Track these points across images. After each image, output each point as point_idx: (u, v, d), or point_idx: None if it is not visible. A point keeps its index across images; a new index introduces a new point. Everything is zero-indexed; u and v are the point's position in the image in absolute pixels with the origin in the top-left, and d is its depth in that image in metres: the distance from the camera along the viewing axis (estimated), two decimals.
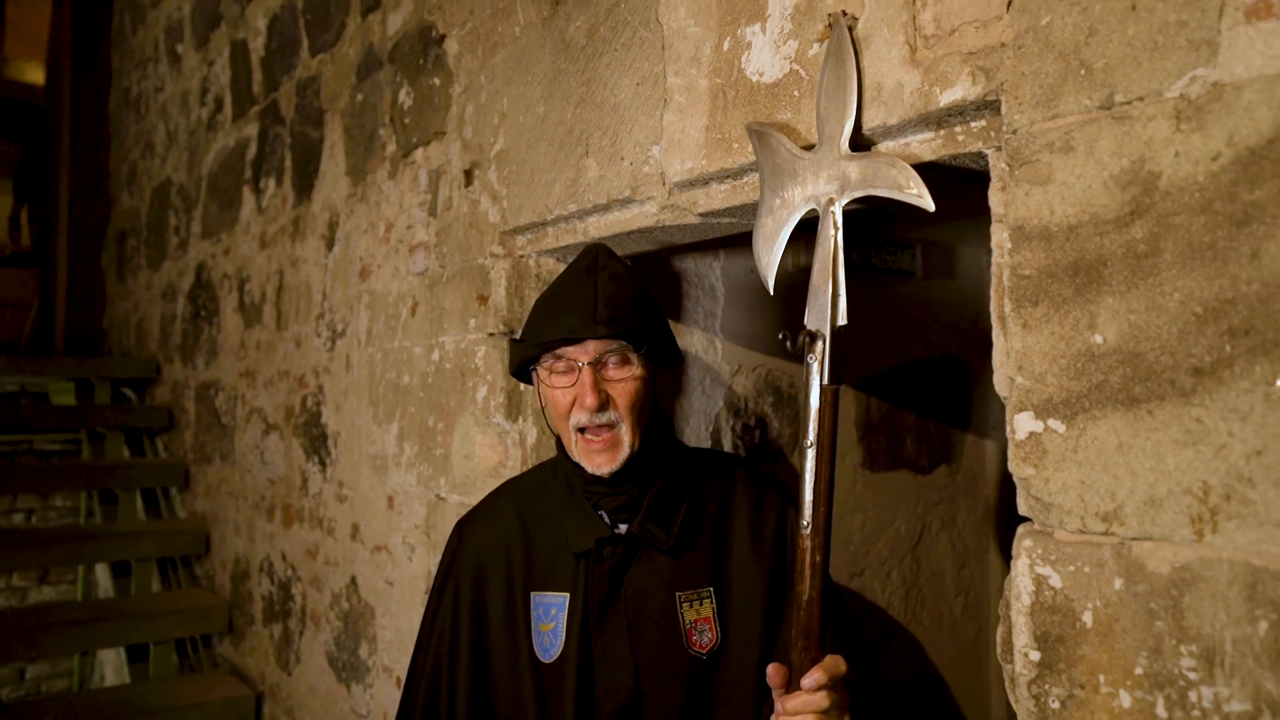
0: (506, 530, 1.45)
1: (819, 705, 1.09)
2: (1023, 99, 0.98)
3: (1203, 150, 0.83)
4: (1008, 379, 0.99)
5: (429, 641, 1.46)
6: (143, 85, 4.77)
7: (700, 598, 1.36)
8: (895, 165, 1.10)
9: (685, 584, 1.36)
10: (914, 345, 2.59)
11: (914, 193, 1.07)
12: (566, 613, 1.35)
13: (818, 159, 1.17)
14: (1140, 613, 0.86)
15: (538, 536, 1.43)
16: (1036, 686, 0.94)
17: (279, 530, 2.95)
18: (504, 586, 1.41)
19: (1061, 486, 0.93)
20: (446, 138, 2.09)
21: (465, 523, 1.52)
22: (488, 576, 1.42)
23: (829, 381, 1.12)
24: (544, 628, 1.36)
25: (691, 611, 1.36)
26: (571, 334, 1.31)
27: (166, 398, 4.16)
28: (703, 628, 1.35)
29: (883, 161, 1.11)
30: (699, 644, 1.35)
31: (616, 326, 1.31)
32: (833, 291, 1.13)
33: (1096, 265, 0.91)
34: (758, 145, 1.26)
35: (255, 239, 3.22)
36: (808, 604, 1.11)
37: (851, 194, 1.14)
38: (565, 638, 1.34)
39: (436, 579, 1.50)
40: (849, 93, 1.14)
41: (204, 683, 3.08)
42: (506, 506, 1.49)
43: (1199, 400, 0.83)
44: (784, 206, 1.21)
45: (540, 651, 1.36)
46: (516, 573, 1.41)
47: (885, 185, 1.10)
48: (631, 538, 1.36)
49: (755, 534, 1.40)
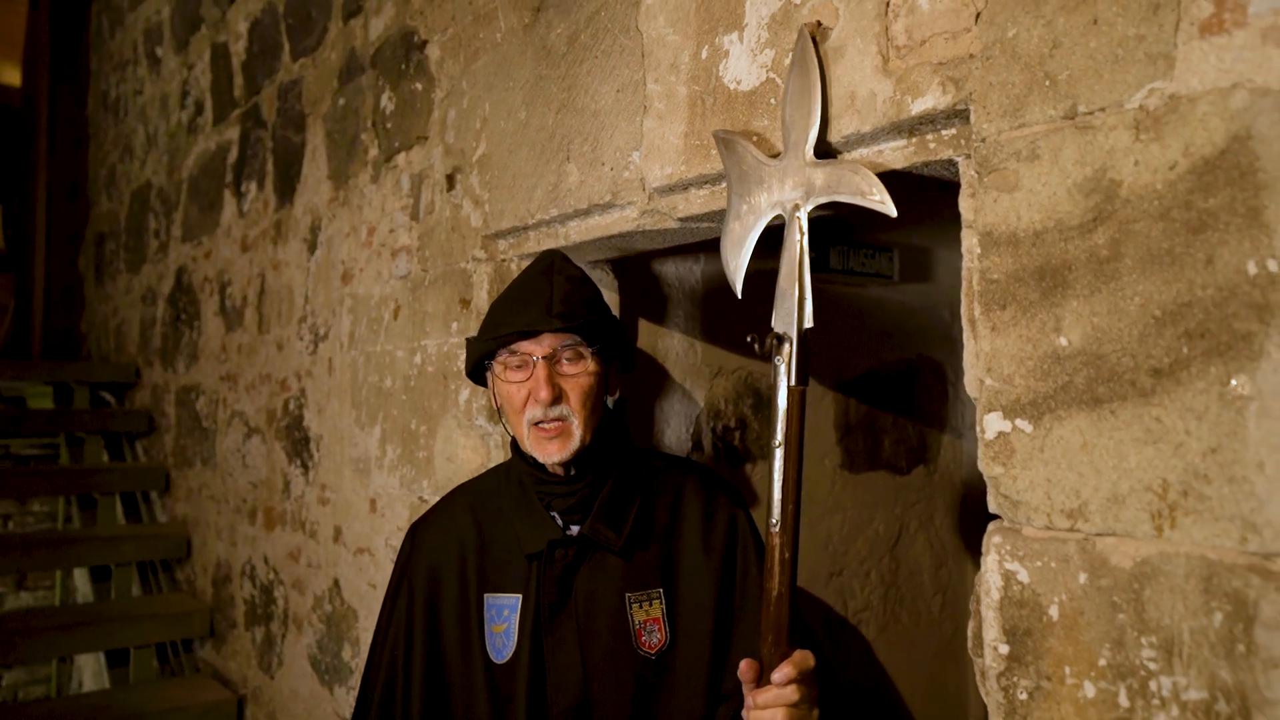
0: (461, 532, 1.46)
1: (789, 699, 1.12)
2: (991, 108, 1.01)
3: (1161, 159, 0.86)
4: (977, 380, 1.02)
5: (383, 643, 1.47)
6: (121, 88, 4.74)
7: (650, 598, 1.39)
8: (858, 172, 1.13)
9: (635, 585, 1.39)
10: (891, 348, 2.63)
11: (877, 199, 1.11)
12: (519, 614, 1.38)
13: (783, 166, 1.21)
14: (1104, 606, 0.89)
15: (491, 538, 1.45)
16: (1005, 679, 0.97)
17: (261, 533, 2.95)
18: (457, 588, 1.43)
19: (1029, 484, 0.96)
20: (429, 142, 2.11)
21: (420, 525, 1.54)
22: (442, 578, 1.44)
23: (796, 383, 1.15)
24: (496, 629, 1.39)
25: (641, 612, 1.38)
26: (528, 327, 1.34)
27: (146, 402, 4.14)
28: (652, 628, 1.38)
29: (846, 168, 1.14)
30: (648, 644, 1.37)
31: (571, 320, 1.35)
32: (799, 295, 1.16)
33: (1061, 270, 0.94)
34: (725, 152, 1.29)
35: (236, 242, 3.22)
36: (777, 600, 1.14)
37: (816, 200, 1.17)
38: (517, 639, 1.37)
39: (391, 581, 1.51)
40: (813, 101, 1.17)
41: (185, 687, 3.07)
42: (461, 508, 1.51)
43: (1158, 400, 0.86)
44: (751, 212, 1.25)
45: (493, 652, 1.39)
46: (470, 574, 1.43)
47: (849, 191, 1.13)
48: (583, 539, 1.39)
49: (706, 535, 1.43)
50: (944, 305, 2.77)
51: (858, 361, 2.53)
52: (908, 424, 2.65)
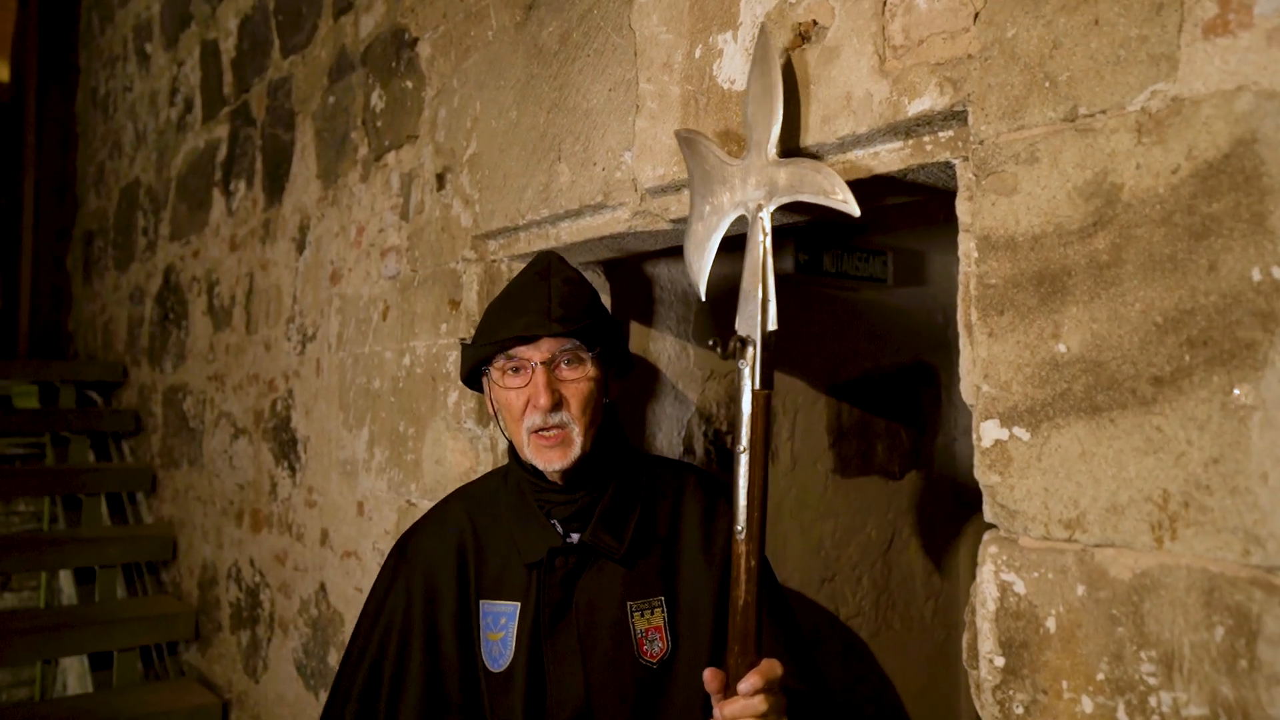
0: (458, 537, 1.44)
1: (756, 710, 1.09)
2: (989, 110, 0.99)
3: (1163, 163, 0.85)
4: (974, 387, 1.00)
5: (365, 646, 1.42)
6: (111, 85, 4.70)
7: (651, 607, 1.37)
8: (821, 171, 1.11)
9: (637, 593, 1.37)
10: (885, 352, 2.61)
11: (840, 198, 1.09)
12: (516, 622, 1.35)
13: (746, 165, 1.19)
14: (1102, 619, 0.87)
15: (488, 545, 1.42)
16: (1001, 692, 0.95)
17: (247, 536, 2.91)
18: (454, 594, 1.40)
19: (1026, 494, 0.94)
20: (419, 141, 2.08)
21: (415, 530, 1.50)
22: (439, 583, 1.41)
23: (760, 386, 1.13)
24: (493, 636, 1.36)
25: (643, 621, 1.36)
26: (527, 331, 1.32)
27: (133, 401, 4.10)
28: (654, 637, 1.36)
29: (809, 167, 1.12)
30: (650, 653, 1.35)
31: (571, 324, 1.32)
32: (762, 297, 1.14)
33: (1060, 275, 0.92)
34: (687, 152, 1.27)
35: (225, 241, 3.18)
36: (744, 609, 1.12)
37: (779, 200, 1.15)
38: (515, 647, 1.34)
39: (380, 583, 1.47)
40: (775, 99, 1.16)
41: (170, 691, 3.03)
42: (457, 513, 1.47)
43: (1159, 409, 0.84)
44: (714, 213, 1.23)
45: (489, 660, 1.36)
46: (466, 581, 1.40)
47: (812, 191, 1.11)
48: (583, 547, 1.36)
49: (706, 542, 1.41)
50: (938, 309, 2.75)
51: (851, 366, 2.51)
52: (901, 429, 2.64)
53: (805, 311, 2.42)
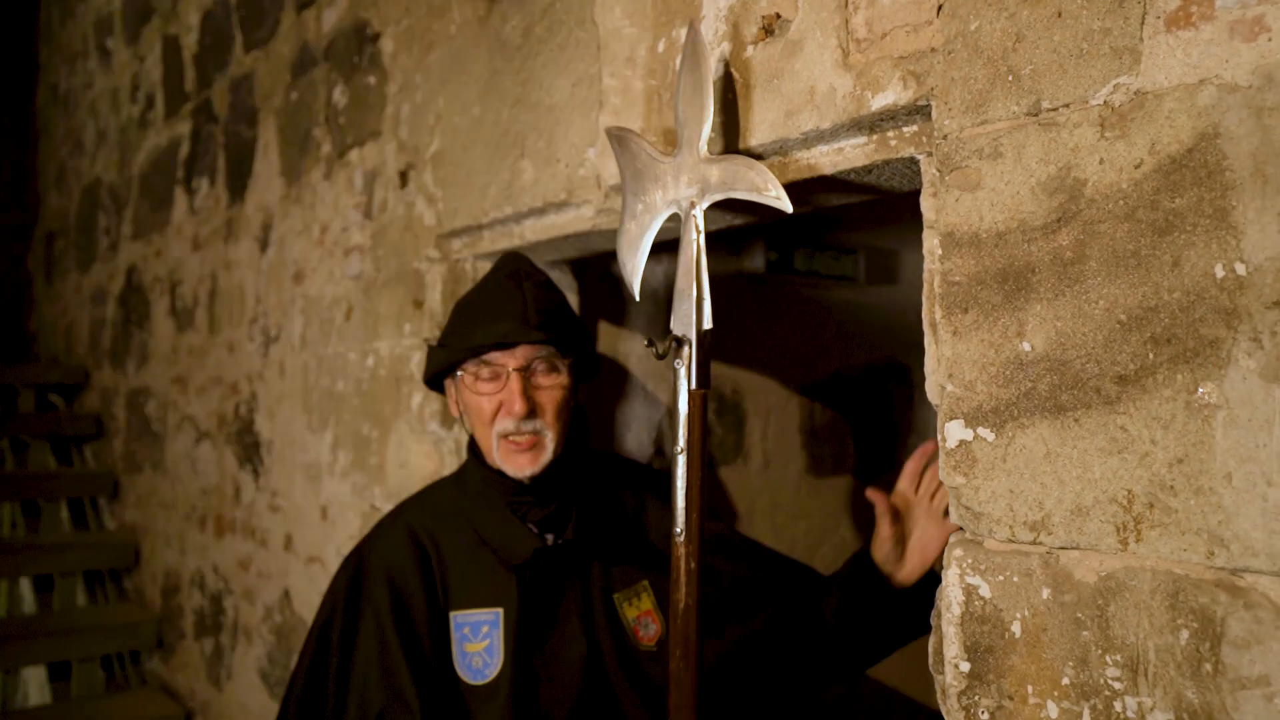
0: (416, 547, 1.37)
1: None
2: (953, 104, 0.97)
3: (1126, 158, 0.83)
4: (939, 386, 0.99)
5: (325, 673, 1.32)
6: (71, 81, 4.60)
7: (637, 593, 1.37)
8: (753, 168, 1.09)
9: (620, 585, 1.37)
10: (857, 351, 2.60)
11: (772, 195, 1.08)
12: (502, 628, 1.31)
13: (678, 163, 1.17)
14: (1067, 622, 0.85)
15: (450, 554, 1.37)
16: (966, 698, 0.93)
17: (211, 541, 2.85)
18: (425, 603, 1.34)
19: (991, 495, 0.92)
20: (382, 138, 2.04)
21: (370, 541, 1.43)
22: (407, 593, 1.34)
23: (697, 386, 1.11)
24: (473, 647, 1.31)
25: (632, 609, 1.36)
26: (506, 339, 1.29)
27: (96, 405, 4.01)
28: (646, 621, 1.36)
29: (741, 164, 1.11)
30: (646, 638, 1.35)
31: (549, 332, 1.30)
32: (697, 295, 1.13)
33: (1025, 272, 0.90)
34: (618, 150, 1.25)
35: (188, 241, 3.12)
36: (684, 612, 1.09)
37: (712, 197, 1.13)
38: (503, 655, 1.30)
39: (332, 606, 1.36)
40: (705, 95, 1.14)
41: (131, 701, 2.96)
42: (410, 524, 1.41)
43: (1124, 408, 0.82)
44: (646, 211, 1.21)
45: (468, 673, 1.30)
46: (434, 590, 1.35)
47: (744, 187, 1.10)
48: (564, 546, 1.34)
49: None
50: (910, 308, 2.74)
51: (823, 365, 2.50)
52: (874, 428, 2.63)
53: (776, 311, 2.40)
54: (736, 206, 1.17)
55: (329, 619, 1.37)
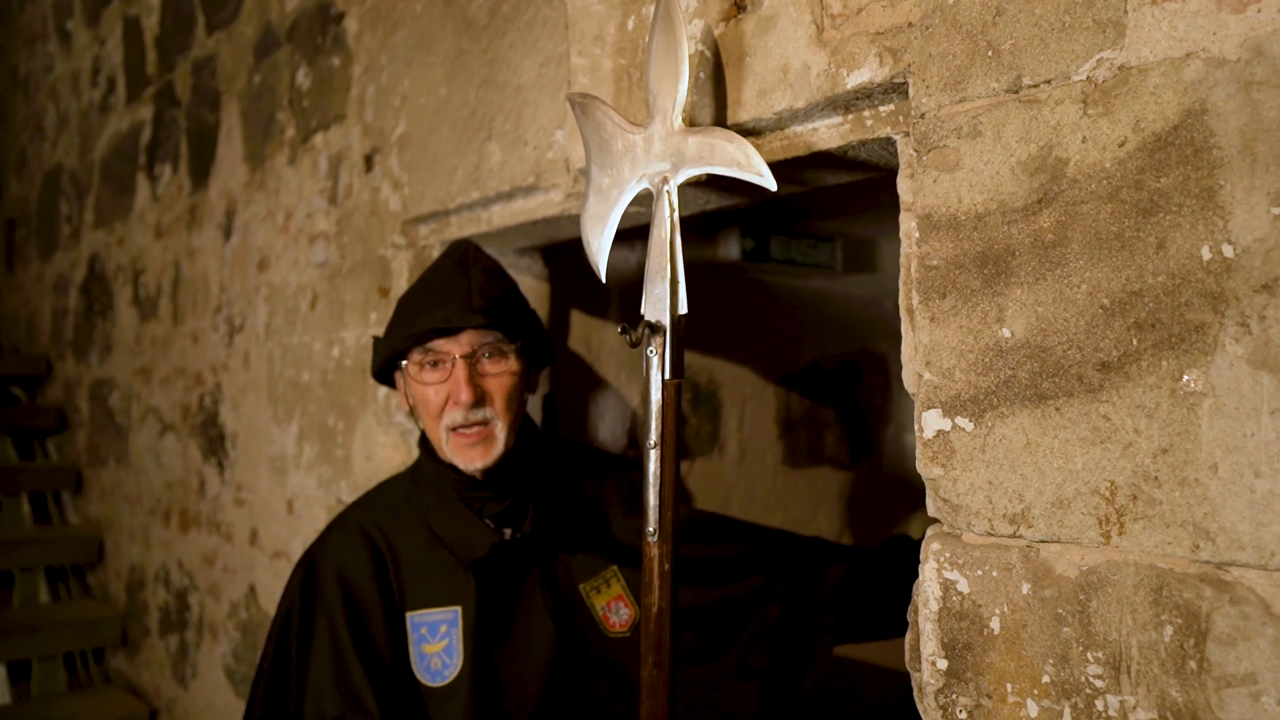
0: (370, 548, 1.32)
1: None
2: (930, 81, 0.94)
3: (1110, 136, 0.80)
4: (916, 375, 0.95)
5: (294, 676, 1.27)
6: (31, 64, 4.47)
7: (605, 580, 1.34)
8: (733, 140, 1.03)
9: (585, 574, 1.34)
10: (834, 340, 2.58)
11: (754, 170, 1.01)
12: (460, 627, 1.26)
13: (649, 134, 1.10)
14: (1048, 618, 0.82)
15: (404, 553, 1.33)
16: (944, 696, 0.90)
17: (176, 536, 2.79)
18: (380, 604, 1.29)
19: (969, 487, 0.89)
20: (347, 121, 1.98)
21: (321, 543, 1.38)
22: (361, 595, 1.29)
23: (671, 376, 1.04)
24: (430, 648, 1.27)
25: (600, 596, 1.33)
26: (446, 324, 1.24)
27: (59, 397, 3.91)
28: (617, 606, 1.33)
29: (720, 136, 1.04)
30: (617, 624, 1.32)
31: (492, 316, 1.26)
32: (671, 278, 1.05)
33: (1005, 255, 0.87)
34: (581, 119, 1.16)
35: (150, 228, 3.04)
36: (657, 616, 1.03)
37: (688, 171, 1.06)
38: (462, 654, 1.26)
39: (290, 613, 1.31)
40: (680, 61, 1.06)
41: (94, 700, 2.89)
42: (363, 525, 1.36)
43: (1106, 397, 0.79)
44: (614, 186, 1.13)
45: (426, 675, 1.26)
46: (390, 591, 1.30)
47: (723, 162, 1.03)
48: (524, 539, 1.31)
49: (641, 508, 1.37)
50: (888, 297, 2.72)
51: (800, 354, 2.47)
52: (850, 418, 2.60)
53: (752, 300, 2.36)
54: (714, 184, 1.11)
55: (285, 625, 1.32)
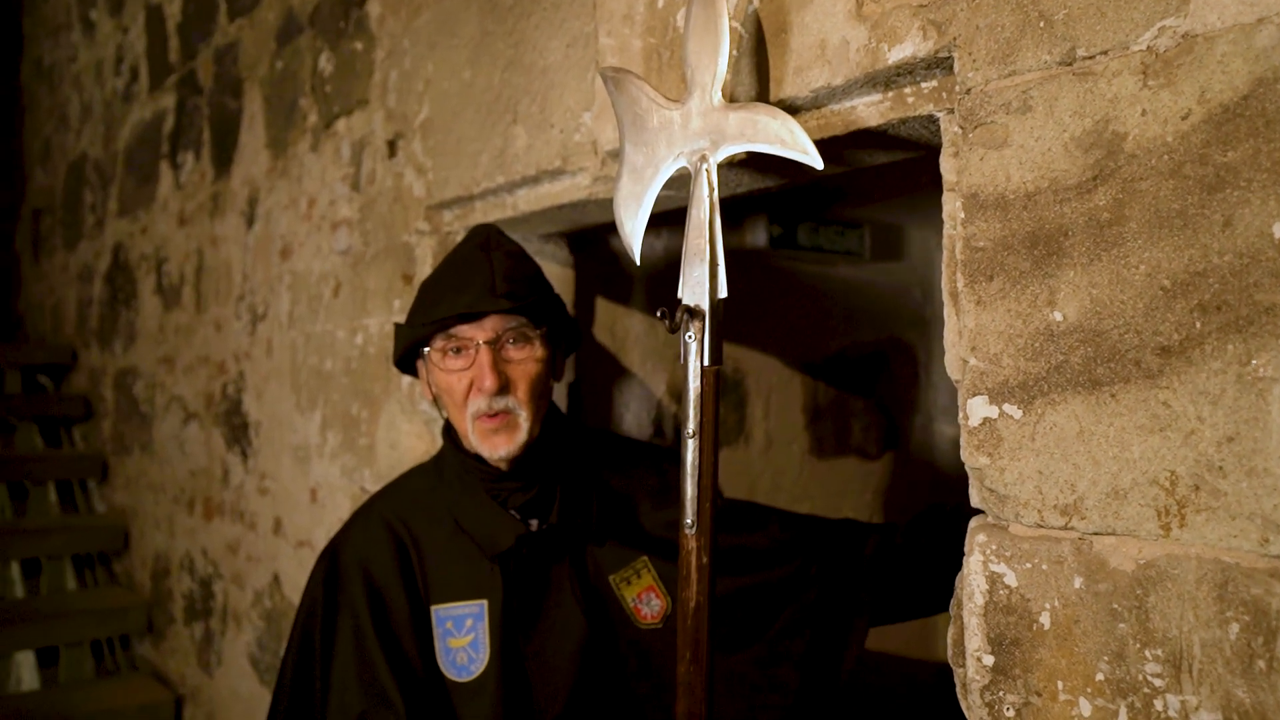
0: (394, 539, 1.30)
1: None
2: (977, 55, 0.90)
3: (1172, 108, 0.76)
4: (960, 360, 0.92)
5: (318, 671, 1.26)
6: (55, 54, 4.49)
7: (635, 571, 1.30)
8: (777, 116, 0.98)
9: (615, 565, 1.31)
10: (862, 329, 2.53)
11: (799, 148, 0.96)
12: (486, 621, 1.24)
13: (687, 110, 1.05)
14: (1102, 614, 0.79)
15: (429, 545, 1.30)
16: (990, 693, 0.87)
17: (200, 524, 2.79)
18: (404, 598, 1.27)
19: (1018, 477, 0.85)
20: (370, 106, 1.96)
21: (344, 535, 1.36)
22: (385, 588, 1.27)
23: (710, 362, 1.00)
24: (456, 642, 1.24)
25: (630, 588, 1.29)
26: (469, 309, 1.21)
27: (84, 386, 3.94)
28: (648, 598, 1.29)
29: (763, 112, 0.99)
30: (649, 615, 1.28)
31: (517, 300, 1.22)
32: (711, 259, 1.01)
33: (1056, 236, 0.83)
34: (614, 94, 1.12)
35: (174, 217, 3.04)
36: (695, 611, 0.99)
37: (728, 149, 1.02)
38: (489, 649, 1.23)
39: (313, 607, 1.30)
40: (720, 33, 1.02)
41: (121, 686, 2.91)
42: (385, 517, 1.34)
43: (1166, 382, 0.76)
44: (649, 165, 1.08)
45: (452, 670, 1.24)
46: (414, 584, 1.28)
47: (766, 139, 0.98)
48: (550, 530, 1.28)
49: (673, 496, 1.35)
50: (915, 285, 2.67)
51: (827, 343, 2.43)
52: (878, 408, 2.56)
53: (779, 287, 2.33)
54: (749, 165, 1.07)
55: (308, 618, 1.30)
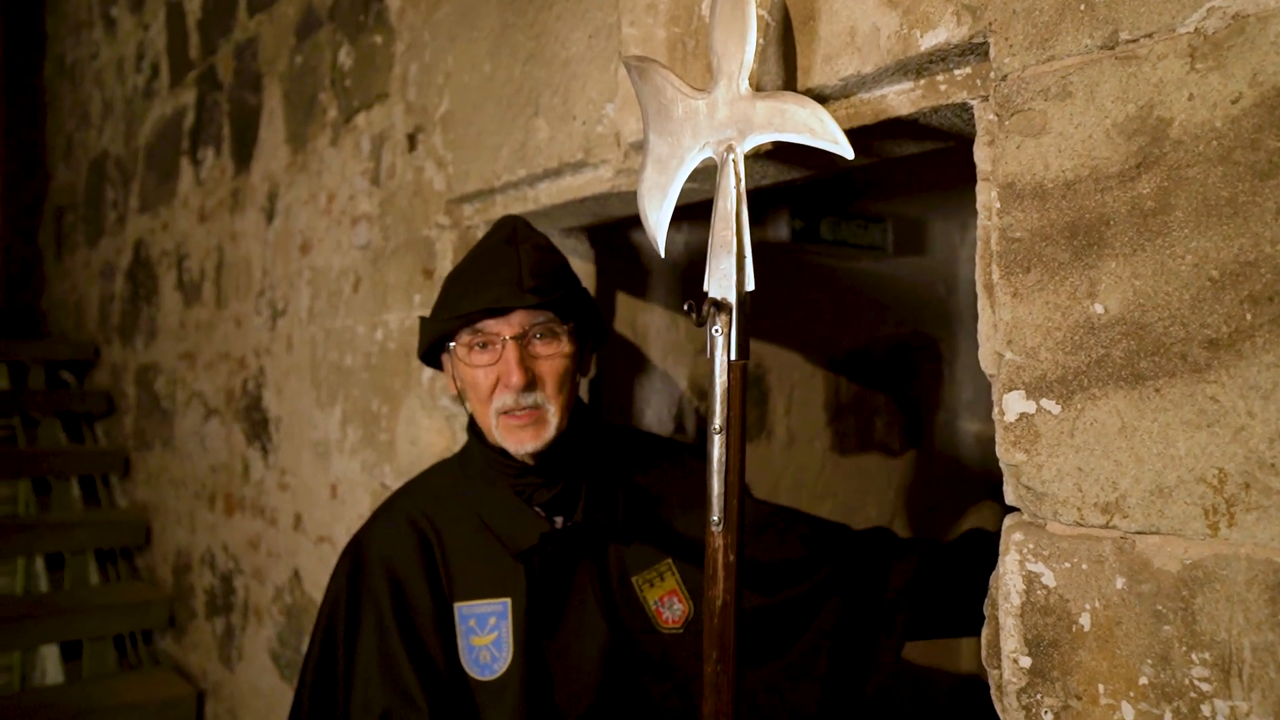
0: (418, 535, 1.29)
1: None
2: (1014, 40, 0.87)
3: (1221, 92, 0.73)
4: (995, 354, 0.89)
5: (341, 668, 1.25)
6: (77, 52, 4.52)
7: (659, 573, 1.29)
8: (806, 105, 0.96)
9: (639, 566, 1.29)
10: (884, 324, 2.50)
11: (829, 137, 0.94)
12: (510, 619, 1.22)
13: (713, 99, 1.03)
14: (1145, 615, 0.76)
15: (452, 541, 1.28)
16: (1027, 696, 0.85)
17: (220, 520, 2.80)
18: (428, 595, 1.25)
19: (1056, 474, 0.83)
20: (389, 100, 1.95)
21: (367, 530, 1.35)
22: (408, 585, 1.26)
23: (737, 357, 0.98)
24: (479, 640, 1.23)
25: (653, 590, 1.28)
26: (496, 304, 1.19)
27: (106, 381, 3.96)
28: (670, 602, 1.27)
29: (791, 101, 0.97)
30: (670, 619, 1.26)
31: (544, 295, 1.20)
32: (738, 251, 0.99)
33: (1098, 225, 0.80)
34: (638, 83, 1.10)
35: (194, 213, 3.05)
36: (722, 610, 0.97)
37: (756, 138, 1.00)
38: (512, 648, 1.22)
39: (337, 602, 1.29)
40: (747, 20, 0.99)
41: (144, 681, 2.93)
42: (409, 511, 1.32)
43: (1214, 376, 0.73)
44: (674, 155, 1.06)
45: (474, 668, 1.22)
46: (438, 581, 1.27)
47: (795, 128, 0.96)
48: (575, 528, 1.26)
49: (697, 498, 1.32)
50: (939, 279, 2.64)
51: (849, 338, 2.40)
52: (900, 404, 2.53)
53: (800, 282, 2.30)
54: (774, 156, 1.05)
55: (332, 615, 1.29)
